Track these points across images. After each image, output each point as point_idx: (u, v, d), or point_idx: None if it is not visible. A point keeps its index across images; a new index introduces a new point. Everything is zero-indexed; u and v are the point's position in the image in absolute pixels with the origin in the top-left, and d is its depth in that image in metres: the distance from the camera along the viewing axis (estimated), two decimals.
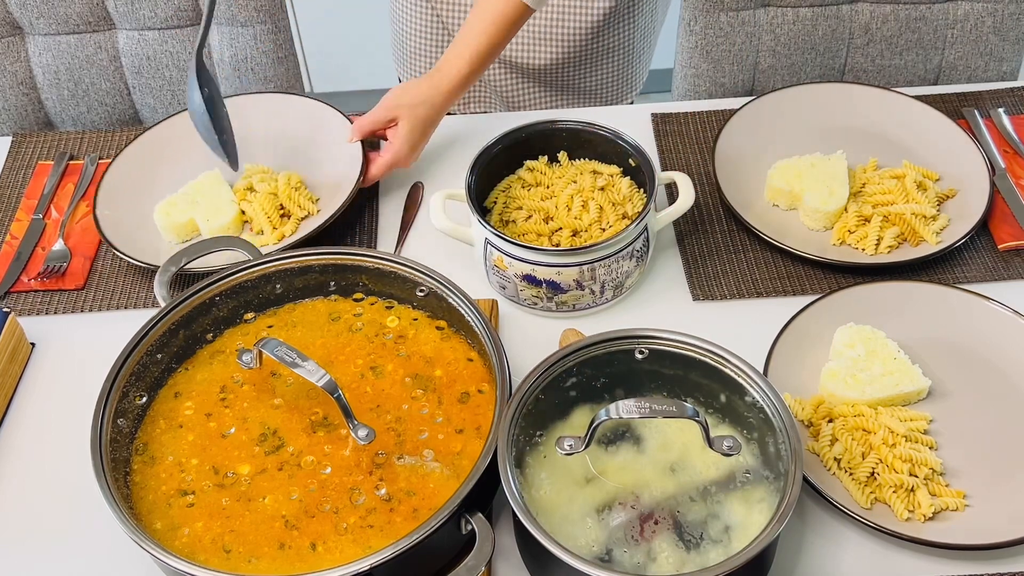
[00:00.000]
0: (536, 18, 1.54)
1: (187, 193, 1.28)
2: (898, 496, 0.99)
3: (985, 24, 1.58)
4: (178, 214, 1.26)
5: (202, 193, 1.28)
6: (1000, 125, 1.40)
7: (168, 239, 1.27)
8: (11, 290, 1.24)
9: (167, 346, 1.05)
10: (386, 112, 1.30)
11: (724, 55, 1.60)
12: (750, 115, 1.38)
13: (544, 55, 1.57)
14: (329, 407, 1.01)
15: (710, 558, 0.89)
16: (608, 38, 1.57)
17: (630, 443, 0.96)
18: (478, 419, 1.00)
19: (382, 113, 1.30)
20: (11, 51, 1.56)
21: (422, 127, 1.30)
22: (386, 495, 0.94)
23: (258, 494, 0.96)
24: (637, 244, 1.15)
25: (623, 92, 1.67)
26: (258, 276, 1.10)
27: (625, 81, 1.66)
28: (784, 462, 0.91)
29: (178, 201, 1.27)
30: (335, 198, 1.28)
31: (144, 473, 0.98)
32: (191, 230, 1.27)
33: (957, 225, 1.24)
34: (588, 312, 1.18)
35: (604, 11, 1.53)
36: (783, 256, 1.25)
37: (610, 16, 1.54)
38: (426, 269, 1.07)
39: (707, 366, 0.97)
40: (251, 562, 0.91)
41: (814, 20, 1.58)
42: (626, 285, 1.18)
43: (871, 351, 1.09)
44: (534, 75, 1.60)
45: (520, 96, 1.63)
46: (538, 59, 1.57)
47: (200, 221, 1.25)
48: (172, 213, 1.26)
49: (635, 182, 1.24)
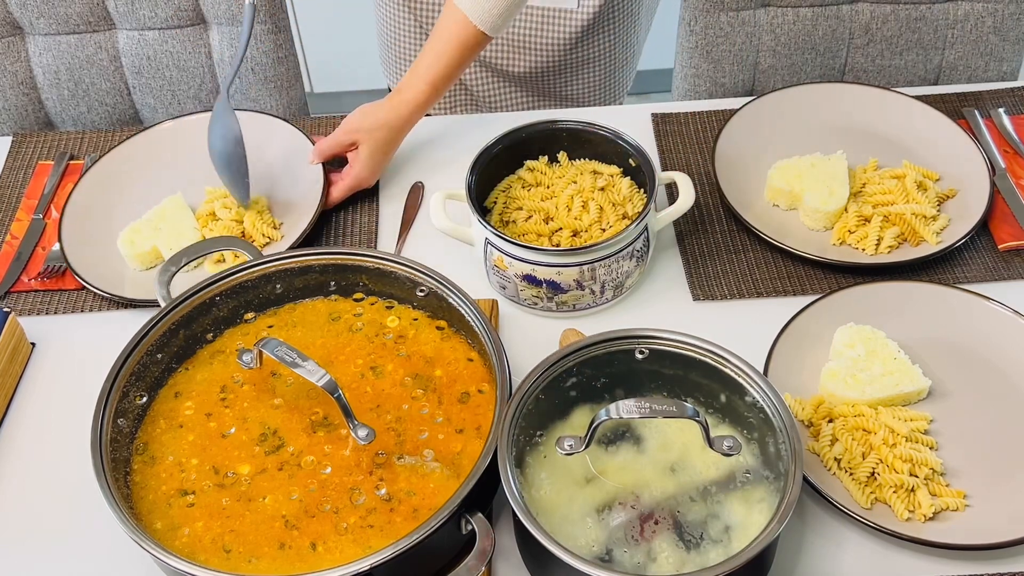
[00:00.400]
0: (515, 27, 1.54)
1: (150, 219, 1.27)
2: (898, 496, 0.99)
3: (985, 24, 1.58)
4: (142, 242, 1.25)
5: (165, 219, 1.27)
6: (1000, 125, 1.40)
7: (132, 266, 1.26)
8: (11, 290, 1.24)
9: (167, 346, 1.05)
10: (346, 136, 1.31)
11: (724, 55, 1.60)
12: (750, 115, 1.38)
13: (524, 63, 1.57)
14: (329, 407, 1.01)
15: (710, 558, 0.89)
16: (587, 48, 1.57)
17: (630, 443, 0.97)
18: (478, 419, 1.00)
19: (342, 137, 1.31)
20: (11, 51, 1.56)
21: (382, 150, 1.31)
22: (386, 495, 0.94)
23: (258, 494, 0.96)
24: (637, 244, 1.15)
25: (606, 99, 1.67)
26: (258, 276, 1.10)
27: (608, 89, 1.66)
28: (784, 462, 0.91)
29: (142, 228, 1.26)
30: (299, 221, 1.28)
31: (144, 473, 0.98)
32: (155, 257, 1.25)
33: (957, 225, 1.24)
34: (588, 312, 1.18)
35: (582, 23, 1.53)
36: (783, 256, 1.25)
37: (588, 28, 1.54)
38: (426, 269, 1.07)
39: (707, 366, 0.97)
40: (251, 562, 0.91)
41: (814, 20, 1.58)
42: (626, 285, 1.18)
43: (871, 351, 1.09)
44: (516, 80, 1.60)
45: (503, 100, 1.63)
46: (518, 66, 1.57)
47: (163, 249, 1.24)
48: (136, 241, 1.25)
49: (635, 182, 1.24)
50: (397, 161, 1.39)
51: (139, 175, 1.36)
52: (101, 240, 1.28)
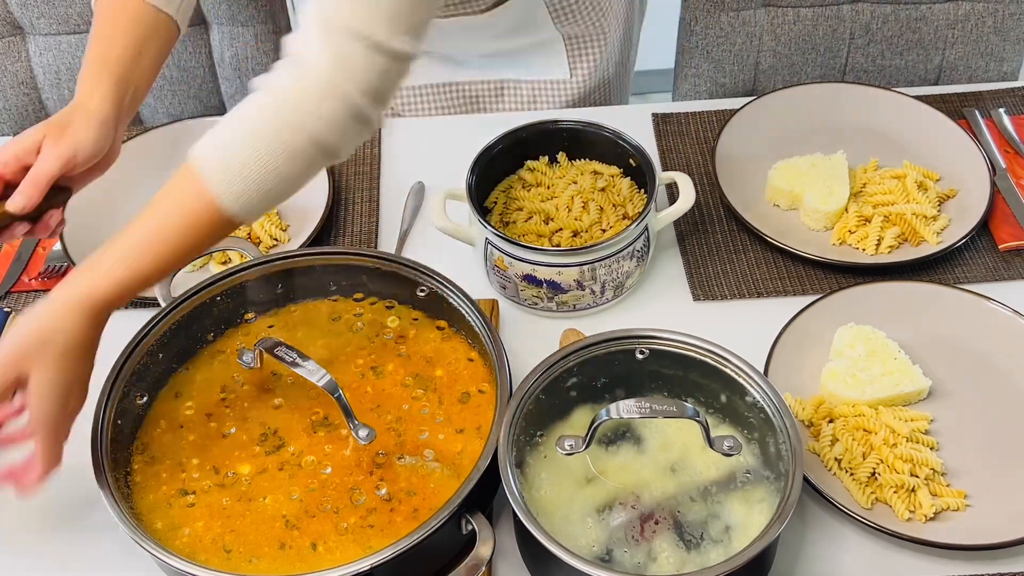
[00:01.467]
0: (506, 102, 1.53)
1: None
2: (899, 496, 0.99)
3: (986, 24, 1.58)
4: None
5: None
6: (1001, 125, 1.40)
7: None
8: (11, 290, 1.24)
9: (167, 346, 1.05)
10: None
11: (724, 55, 1.60)
12: (751, 115, 1.38)
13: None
14: (329, 407, 1.01)
15: (710, 558, 0.89)
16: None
17: (630, 443, 0.97)
18: (478, 419, 1.00)
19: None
20: (12, 51, 1.56)
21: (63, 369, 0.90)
22: (386, 495, 0.94)
23: (259, 494, 0.96)
24: (638, 244, 1.15)
25: None
26: (259, 276, 1.10)
27: None
28: (784, 462, 0.91)
29: None
30: (306, 223, 1.28)
31: (144, 473, 0.98)
32: None
33: (957, 225, 1.24)
34: (589, 312, 1.18)
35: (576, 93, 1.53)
36: (783, 256, 1.25)
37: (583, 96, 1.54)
38: (426, 269, 1.07)
39: (707, 366, 0.97)
40: (251, 562, 0.91)
41: (815, 20, 1.58)
42: (627, 285, 1.18)
43: (871, 351, 1.09)
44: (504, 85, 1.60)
45: (502, 101, 1.63)
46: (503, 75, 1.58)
47: None
48: None
49: (635, 183, 1.24)
50: (397, 161, 1.39)
51: (141, 175, 1.35)
52: (103, 239, 1.27)
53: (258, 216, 0.95)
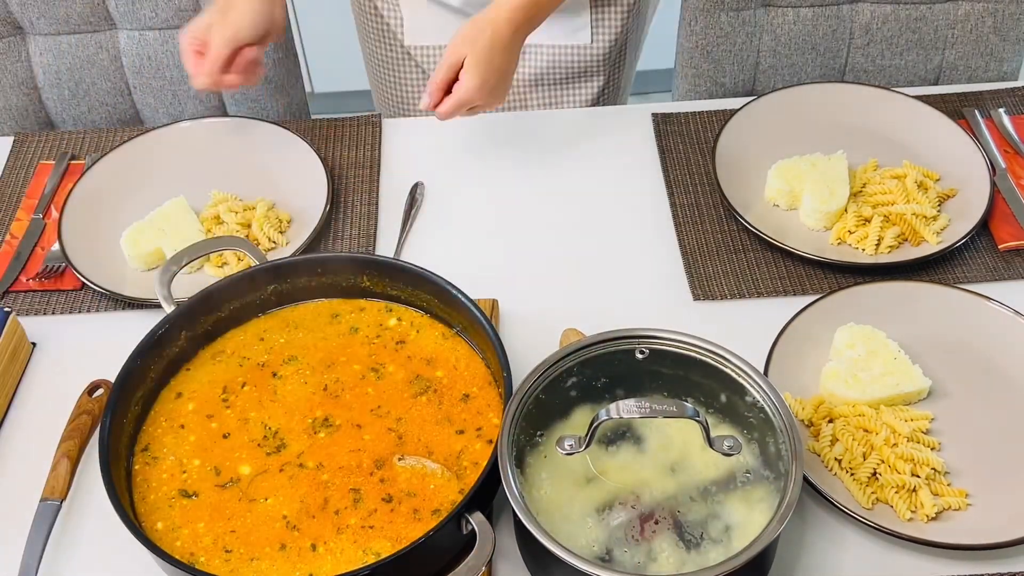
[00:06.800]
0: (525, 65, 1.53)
1: (154, 221, 1.27)
2: (900, 496, 0.99)
3: (985, 24, 1.58)
4: (146, 242, 1.24)
5: (168, 221, 1.26)
6: (1000, 125, 1.40)
7: (134, 266, 1.25)
8: (10, 289, 1.24)
9: (168, 346, 1.05)
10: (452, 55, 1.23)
11: (724, 55, 1.60)
12: (750, 115, 1.38)
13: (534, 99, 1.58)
14: (330, 408, 1.01)
15: (710, 558, 0.89)
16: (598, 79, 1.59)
17: (630, 443, 0.97)
18: (479, 420, 1.00)
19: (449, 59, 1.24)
20: (12, 51, 1.56)
21: (487, 58, 1.22)
22: (387, 496, 0.95)
23: (259, 495, 0.96)
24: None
25: None
26: (259, 277, 1.10)
27: None
28: (784, 462, 0.91)
29: (145, 229, 1.26)
30: (304, 227, 1.28)
31: (145, 473, 0.98)
32: (158, 258, 1.25)
33: (957, 225, 1.24)
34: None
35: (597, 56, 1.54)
36: (783, 256, 1.25)
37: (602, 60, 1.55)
38: (426, 269, 1.07)
39: (707, 366, 0.97)
40: (252, 562, 0.91)
41: (814, 20, 1.58)
42: None
43: (871, 351, 1.09)
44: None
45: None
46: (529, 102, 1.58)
47: (167, 250, 1.23)
48: (140, 242, 1.24)
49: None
50: (397, 161, 1.39)
51: (141, 176, 1.36)
52: (101, 239, 1.28)
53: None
